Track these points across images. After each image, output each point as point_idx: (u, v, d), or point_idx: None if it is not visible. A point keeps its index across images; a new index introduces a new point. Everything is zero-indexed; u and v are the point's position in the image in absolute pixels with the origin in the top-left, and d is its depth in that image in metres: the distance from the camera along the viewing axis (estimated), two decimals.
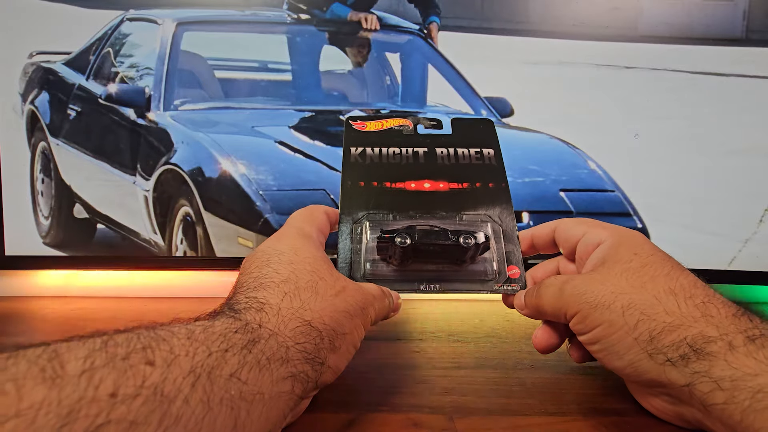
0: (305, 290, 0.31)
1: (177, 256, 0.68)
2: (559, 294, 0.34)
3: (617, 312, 0.31)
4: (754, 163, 0.68)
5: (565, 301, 0.34)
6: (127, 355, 0.22)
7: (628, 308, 0.31)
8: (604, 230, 0.37)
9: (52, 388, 0.19)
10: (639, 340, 0.30)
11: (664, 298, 0.31)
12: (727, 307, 0.30)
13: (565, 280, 0.35)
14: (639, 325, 0.30)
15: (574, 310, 0.33)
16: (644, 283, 0.32)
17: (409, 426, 0.32)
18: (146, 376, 0.21)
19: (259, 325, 0.28)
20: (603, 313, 0.32)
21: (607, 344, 0.32)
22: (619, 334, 0.31)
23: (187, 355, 0.23)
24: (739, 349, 0.28)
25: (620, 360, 0.31)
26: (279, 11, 0.67)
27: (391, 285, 0.38)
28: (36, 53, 0.68)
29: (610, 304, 0.32)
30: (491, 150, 0.45)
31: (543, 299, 0.36)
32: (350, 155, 0.44)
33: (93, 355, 0.21)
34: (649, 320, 0.30)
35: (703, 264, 0.67)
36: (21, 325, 0.57)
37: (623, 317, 0.31)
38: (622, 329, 0.31)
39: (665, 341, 0.30)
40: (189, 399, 0.22)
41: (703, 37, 0.68)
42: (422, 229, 0.38)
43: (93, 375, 0.20)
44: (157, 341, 0.23)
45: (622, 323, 0.31)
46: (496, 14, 0.68)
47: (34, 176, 0.69)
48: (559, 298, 0.34)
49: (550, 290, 0.35)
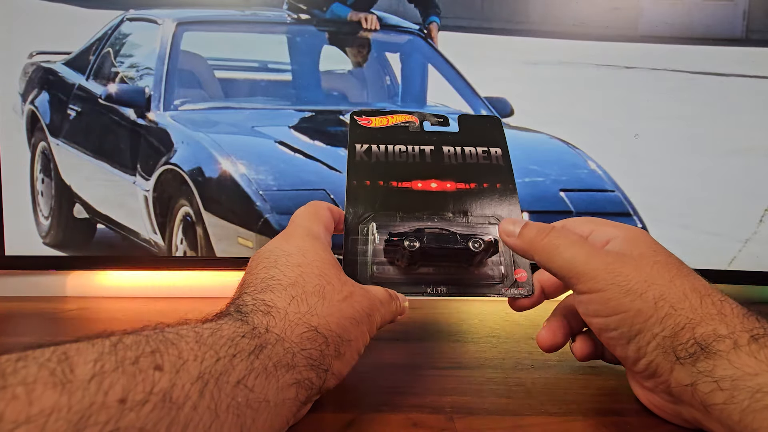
0: (312, 295, 0.31)
1: (177, 256, 0.68)
2: (585, 259, 0.32)
3: (649, 302, 0.30)
4: (754, 163, 0.68)
5: (590, 271, 0.31)
6: (136, 359, 0.21)
7: (660, 299, 0.30)
8: (613, 228, 0.36)
9: (62, 393, 0.19)
10: (660, 335, 0.30)
11: (690, 295, 0.30)
12: (739, 307, 0.30)
13: (596, 249, 0.32)
14: (666, 318, 0.30)
15: (598, 286, 0.31)
16: (673, 278, 0.31)
17: (409, 426, 0.32)
18: (155, 381, 0.21)
19: (266, 329, 0.28)
20: (634, 300, 0.30)
21: (628, 333, 0.31)
22: (645, 325, 0.30)
23: (195, 359, 0.23)
24: (742, 348, 0.28)
25: (636, 352, 0.31)
26: (279, 11, 0.67)
27: (397, 288, 0.37)
28: (36, 53, 0.68)
29: (642, 293, 0.30)
30: (499, 149, 0.44)
31: (559, 251, 0.33)
32: (355, 153, 0.43)
33: (102, 358, 0.21)
34: (677, 315, 0.30)
35: (703, 264, 0.67)
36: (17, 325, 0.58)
37: (655, 308, 0.30)
38: (650, 320, 0.30)
39: (682, 339, 0.29)
40: (197, 406, 0.22)
41: (703, 37, 0.68)
42: (431, 233, 0.37)
43: (103, 380, 0.20)
44: (165, 344, 0.23)
45: (652, 314, 0.30)
46: (496, 14, 0.68)
47: (34, 176, 0.69)
48: (583, 263, 0.32)
49: (573, 249, 0.32)
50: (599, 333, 0.33)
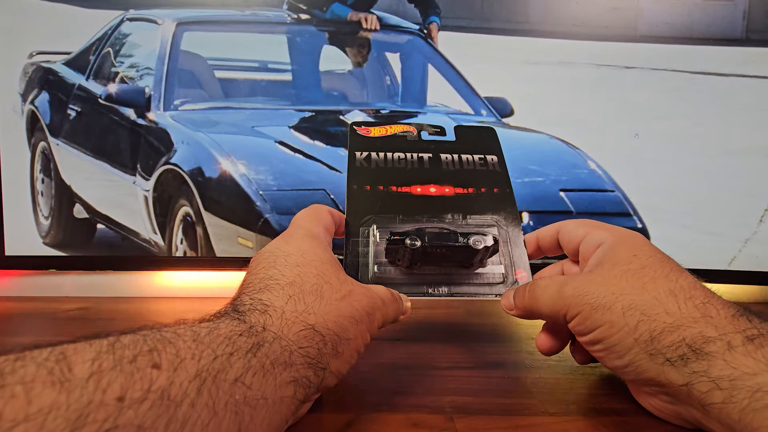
0: (310, 294, 0.31)
1: (177, 256, 0.68)
2: (558, 295, 0.34)
3: (618, 313, 0.31)
4: (754, 163, 0.68)
5: (565, 302, 0.34)
6: (134, 358, 0.22)
7: (629, 309, 0.31)
8: (604, 231, 0.37)
9: (60, 392, 0.19)
10: (639, 341, 0.30)
11: (665, 299, 0.31)
12: (727, 308, 0.30)
13: (564, 281, 0.35)
14: (639, 325, 0.31)
15: (575, 311, 0.33)
16: (644, 284, 0.32)
17: (409, 426, 0.32)
18: (153, 379, 0.21)
19: (263, 328, 0.28)
20: (604, 314, 0.32)
21: (608, 345, 0.32)
22: (619, 335, 0.31)
23: (192, 358, 0.23)
24: (737, 349, 0.28)
25: (621, 360, 0.32)
26: (279, 11, 0.67)
27: (398, 288, 0.38)
28: (36, 53, 0.68)
29: (611, 306, 0.32)
30: (495, 156, 0.46)
31: (539, 300, 0.35)
32: (355, 159, 0.44)
33: (100, 357, 0.21)
34: (650, 321, 0.30)
35: (703, 264, 0.67)
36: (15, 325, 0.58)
37: (624, 318, 0.31)
38: (623, 330, 0.31)
39: (665, 342, 0.30)
40: (195, 403, 0.22)
41: (703, 37, 0.68)
42: (432, 231, 0.38)
43: (101, 378, 0.20)
44: (163, 343, 0.23)
45: (623, 324, 0.31)
46: (496, 14, 0.68)
47: (34, 176, 0.69)
48: (558, 300, 0.34)
49: (548, 291, 0.35)
50: (590, 351, 0.34)
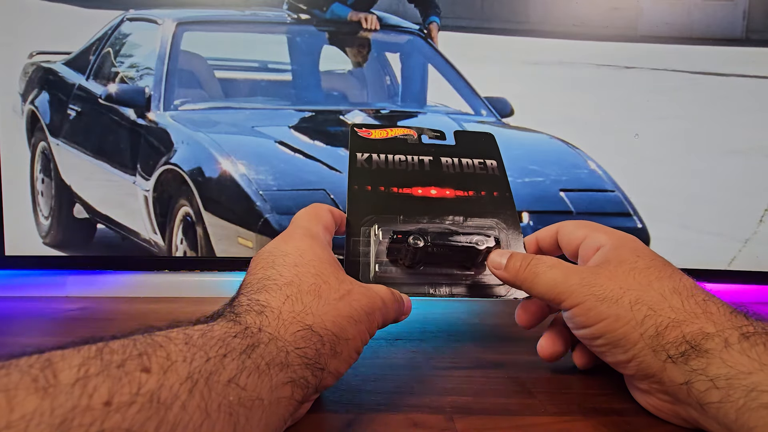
0: (308, 294, 0.31)
1: (177, 256, 0.68)
2: (563, 280, 0.34)
3: (625, 306, 0.31)
4: (753, 163, 0.68)
5: (569, 289, 0.33)
6: (122, 363, 0.21)
7: (636, 303, 0.31)
8: (603, 234, 0.37)
9: (44, 398, 0.19)
10: (645, 336, 0.30)
11: (669, 296, 0.31)
12: (725, 305, 0.31)
13: (572, 268, 0.34)
14: (646, 320, 0.31)
15: (578, 300, 0.33)
16: (650, 282, 0.32)
17: (409, 426, 0.32)
18: (142, 383, 0.21)
19: (259, 329, 0.28)
20: (610, 306, 0.32)
21: (613, 338, 0.32)
22: (625, 329, 0.31)
23: (184, 360, 0.23)
24: (733, 347, 0.28)
25: (625, 354, 0.31)
26: (279, 11, 0.67)
27: (400, 288, 0.38)
28: (36, 53, 0.68)
29: (618, 299, 0.32)
30: (494, 161, 0.46)
31: (539, 277, 0.35)
32: (356, 160, 0.44)
33: (87, 363, 0.21)
34: (656, 315, 0.31)
35: (703, 264, 0.67)
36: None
37: (631, 312, 0.31)
38: (629, 324, 0.31)
39: (668, 337, 0.30)
40: (186, 405, 0.22)
41: (703, 37, 0.68)
42: (435, 231, 0.38)
43: (87, 383, 0.20)
44: (153, 347, 0.23)
45: (630, 318, 0.31)
46: (496, 14, 0.68)
47: (34, 176, 0.69)
48: (561, 284, 0.34)
49: (552, 273, 0.34)
50: (589, 345, 0.34)
